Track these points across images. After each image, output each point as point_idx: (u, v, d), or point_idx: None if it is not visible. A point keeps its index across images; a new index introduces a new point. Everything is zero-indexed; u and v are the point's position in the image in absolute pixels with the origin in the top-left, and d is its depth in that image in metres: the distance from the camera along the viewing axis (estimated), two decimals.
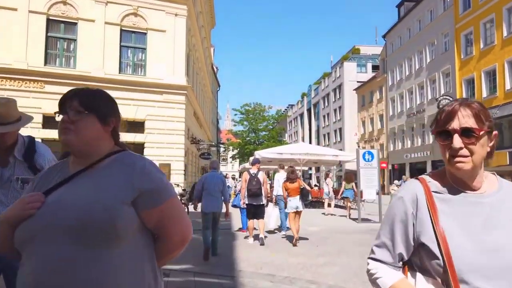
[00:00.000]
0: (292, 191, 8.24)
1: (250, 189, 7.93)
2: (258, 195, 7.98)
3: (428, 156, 31.69)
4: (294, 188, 8.25)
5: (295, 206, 8.17)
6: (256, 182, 7.97)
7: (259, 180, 8.05)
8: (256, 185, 7.93)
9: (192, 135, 20.41)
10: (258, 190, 7.95)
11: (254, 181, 8.03)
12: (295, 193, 8.23)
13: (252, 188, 7.92)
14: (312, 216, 14.39)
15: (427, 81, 32.26)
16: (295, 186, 8.27)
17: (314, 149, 19.95)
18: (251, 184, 7.95)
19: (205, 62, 30.74)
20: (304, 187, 8.55)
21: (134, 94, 16.49)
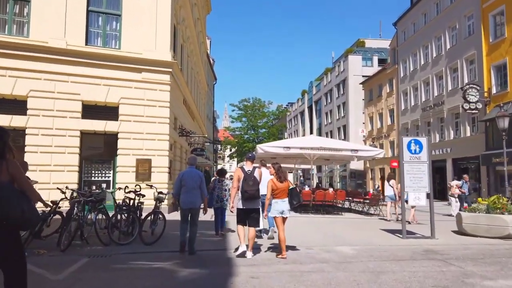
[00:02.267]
0: (281, 192, 6.77)
1: (247, 191, 6.55)
2: (256, 198, 6.72)
3: (448, 153, 28.39)
4: (284, 188, 6.81)
5: (281, 210, 6.71)
6: (253, 182, 6.62)
7: (256, 179, 6.71)
8: (253, 185, 6.59)
9: (181, 126, 17.00)
10: (256, 192, 6.64)
11: (250, 180, 6.62)
12: (284, 194, 6.80)
13: (249, 189, 6.55)
14: (335, 226, 10.99)
15: (446, 70, 28.94)
16: (285, 186, 6.83)
17: (329, 142, 16.57)
18: (247, 185, 6.57)
19: (199, 48, 27.31)
20: (294, 187, 7.10)
21: (105, 71, 13.07)
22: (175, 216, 12.64)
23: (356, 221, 13.22)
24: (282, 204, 6.71)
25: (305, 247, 7.69)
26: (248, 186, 6.54)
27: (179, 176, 7.27)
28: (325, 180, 54.75)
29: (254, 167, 6.87)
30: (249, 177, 6.63)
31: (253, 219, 6.79)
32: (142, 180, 13.25)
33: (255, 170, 6.82)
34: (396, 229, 10.74)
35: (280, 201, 6.72)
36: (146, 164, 13.33)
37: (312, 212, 15.23)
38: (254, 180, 6.63)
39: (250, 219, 6.74)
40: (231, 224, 9.71)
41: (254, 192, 6.56)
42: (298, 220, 12.88)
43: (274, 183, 6.77)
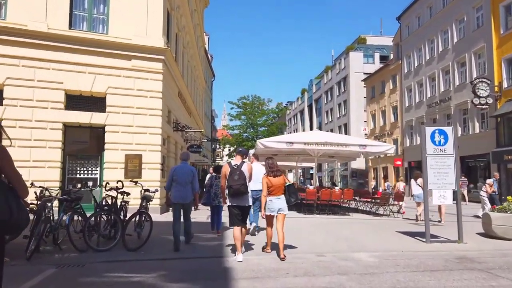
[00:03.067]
0: (276, 189, 6.30)
1: (232, 186, 6.11)
2: (242, 193, 6.16)
3: None
4: (279, 184, 6.32)
5: (277, 208, 6.25)
6: (239, 176, 6.13)
7: (242, 173, 6.18)
8: (239, 180, 6.11)
9: (175, 120, 15.82)
10: (242, 187, 6.12)
11: (236, 174, 6.16)
12: (279, 191, 6.33)
13: (233, 184, 6.09)
14: (346, 228, 9.83)
15: (454, 64, 27.82)
16: (280, 182, 6.33)
17: (336, 137, 15.41)
18: (232, 179, 6.14)
19: (196, 41, 26.15)
20: (292, 184, 6.66)
21: (90, 58, 11.90)
22: (167, 217, 11.56)
23: (367, 222, 12.07)
24: (278, 202, 6.23)
25: (316, 254, 6.54)
26: (232, 181, 6.06)
27: (171, 171, 7.28)
28: (326, 180, 53.58)
29: (242, 162, 6.36)
30: (234, 171, 6.14)
31: (244, 217, 6.34)
32: (131, 177, 12.06)
33: (243, 164, 6.29)
34: (414, 231, 9.61)
35: (275, 199, 6.23)
36: (136, 160, 12.16)
37: (317, 213, 14.09)
38: (240, 174, 6.10)
39: (242, 216, 6.25)
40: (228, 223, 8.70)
41: (239, 187, 6.03)
42: (303, 221, 11.73)
43: (268, 179, 6.26)
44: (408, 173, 34.82)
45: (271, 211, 6.24)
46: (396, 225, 11.30)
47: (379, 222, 12.14)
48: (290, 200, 6.38)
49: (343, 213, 14.49)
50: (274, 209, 6.22)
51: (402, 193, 14.51)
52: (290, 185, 6.47)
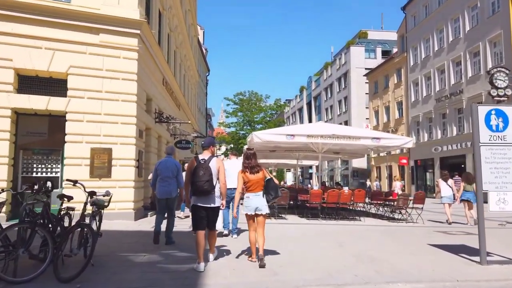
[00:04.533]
0: (254, 185, 5.51)
1: (195, 183, 5.23)
2: (208, 193, 5.25)
3: (467, 148, 25.19)
4: (257, 180, 5.53)
5: (255, 207, 5.46)
6: (204, 172, 5.25)
7: (209, 169, 5.31)
8: (204, 176, 5.22)
9: (158, 111, 13.66)
10: (206, 185, 5.21)
11: (201, 170, 5.27)
12: (258, 187, 5.53)
13: (198, 181, 5.21)
14: (364, 240, 7.68)
15: (466, 54, 25.78)
16: (258, 178, 5.54)
17: (344, 129, 13.30)
18: (196, 176, 5.25)
19: (187, 29, 24.00)
20: (271, 178, 5.67)
21: (48, 30, 9.76)
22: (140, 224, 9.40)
23: (385, 230, 9.98)
24: (256, 199, 5.53)
25: (333, 287, 4.43)
26: (197, 177, 5.27)
27: (156, 165, 7.28)
28: (326, 179, 51.53)
29: (211, 157, 5.55)
30: (200, 167, 5.34)
31: (211, 221, 5.52)
32: (99, 176, 9.97)
33: (211, 159, 5.49)
34: (452, 243, 7.52)
35: (253, 196, 5.55)
36: (105, 155, 10.00)
37: (323, 217, 12.00)
38: (206, 170, 5.32)
39: (208, 220, 5.47)
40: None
41: (203, 184, 5.24)
42: (307, 229, 9.62)
43: (245, 174, 5.59)
44: (414, 172, 32.82)
45: (249, 209, 5.52)
46: (422, 234, 9.20)
47: (400, 229, 10.03)
48: (269, 197, 5.58)
49: (352, 217, 12.39)
50: (251, 207, 5.50)
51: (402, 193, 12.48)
52: (269, 180, 5.63)
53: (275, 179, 5.89)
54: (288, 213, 12.95)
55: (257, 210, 5.48)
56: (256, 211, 5.48)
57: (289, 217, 12.32)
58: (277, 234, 8.67)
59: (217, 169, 5.45)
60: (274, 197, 5.64)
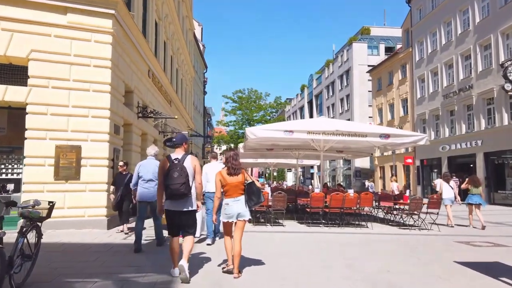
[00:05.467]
0: (232, 189, 5.02)
1: (170, 186, 4.68)
2: (183, 196, 4.73)
3: (478, 146, 23.78)
4: (236, 183, 5.03)
5: (236, 214, 4.98)
6: (180, 173, 4.70)
7: (184, 169, 4.77)
8: (179, 178, 4.68)
9: (141, 105, 12.28)
10: (183, 187, 4.67)
11: (176, 171, 4.71)
12: (237, 192, 5.03)
13: (172, 183, 4.68)
14: (375, 255, 6.26)
15: (476, 47, 24.34)
16: (237, 181, 5.04)
17: (349, 125, 11.91)
18: (170, 178, 4.69)
19: (180, 20, 22.65)
20: (252, 182, 5.12)
21: (5, 9, 8.42)
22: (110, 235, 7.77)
23: (400, 240, 8.59)
24: (235, 205, 4.99)
25: None
26: (171, 179, 4.67)
27: (137, 167, 6.94)
28: (328, 180, 50.17)
29: (185, 155, 5.01)
30: (174, 167, 4.74)
31: (186, 226, 4.92)
32: (65, 178, 8.61)
33: (185, 158, 4.95)
34: (483, 261, 6.12)
35: (232, 201, 5.02)
36: (73, 153, 8.64)
37: (325, 224, 10.62)
38: (181, 171, 4.73)
39: (182, 225, 4.91)
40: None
41: (178, 187, 4.66)
42: (307, 239, 8.23)
43: (222, 176, 5.08)
44: (420, 172, 31.40)
45: (229, 217, 5.04)
46: (442, 246, 7.81)
47: (415, 239, 8.63)
48: (250, 203, 5.08)
49: (358, 223, 11.01)
50: (232, 214, 5.02)
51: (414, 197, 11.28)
52: (250, 184, 5.12)
53: (258, 183, 5.26)
54: (286, 218, 11.60)
55: (240, 216, 5.01)
56: (238, 218, 5.01)
57: (287, 223, 10.95)
58: (271, 246, 7.30)
59: (193, 169, 4.90)
60: (256, 203, 5.09)
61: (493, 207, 20.24)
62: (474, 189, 11.00)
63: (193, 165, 4.92)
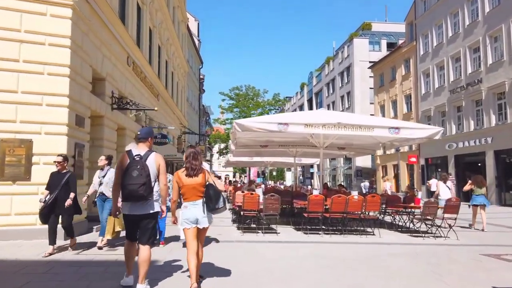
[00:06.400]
0: (190, 191, 4.44)
1: (127, 186, 4.16)
2: (142, 198, 4.20)
3: (488, 144, 22.34)
4: (193, 185, 4.43)
5: (194, 219, 4.40)
6: (139, 172, 4.18)
7: (146, 168, 4.26)
8: (139, 177, 4.16)
9: (116, 95, 10.82)
10: (142, 189, 4.15)
11: (135, 169, 4.19)
12: (194, 195, 4.44)
13: (129, 183, 4.15)
14: (390, 274, 4.84)
15: (485, 39, 22.90)
16: (195, 183, 4.44)
17: (352, 118, 10.47)
18: (129, 177, 4.18)
19: (171, 12, 21.21)
20: (210, 184, 4.49)
21: None
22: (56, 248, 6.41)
23: (414, 252, 7.16)
24: (194, 210, 4.39)
25: None
26: (129, 179, 4.15)
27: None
28: (328, 180, 48.73)
29: (149, 152, 4.37)
30: (134, 165, 4.20)
31: (144, 232, 4.32)
32: (12, 178, 7.18)
33: (149, 155, 4.33)
34: None
35: (190, 205, 4.41)
36: (22, 149, 7.20)
37: (325, 231, 9.18)
38: (142, 170, 4.18)
39: (140, 230, 4.34)
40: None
41: (137, 188, 4.09)
42: (304, 254, 6.77)
43: (179, 177, 4.43)
44: (425, 172, 29.94)
45: (187, 222, 4.38)
46: (469, 261, 6.37)
47: (434, 251, 7.19)
48: (208, 207, 4.37)
49: (363, 229, 9.56)
50: (190, 219, 4.37)
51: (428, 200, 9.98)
52: (208, 186, 4.43)
53: (219, 185, 4.55)
54: (282, 223, 10.21)
55: (199, 222, 4.41)
56: (196, 223, 4.40)
57: (282, 229, 9.53)
58: (258, 263, 5.85)
59: (156, 168, 4.38)
60: (214, 209, 4.39)
61: (505, 209, 18.82)
62: (478, 189, 10.61)
63: (158, 163, 4.38)
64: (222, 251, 6.83)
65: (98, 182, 6.65)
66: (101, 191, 6.64)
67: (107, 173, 6.57)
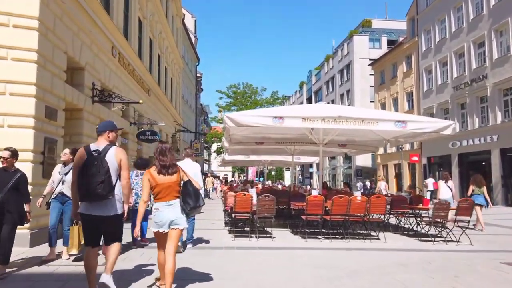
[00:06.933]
0: (164, 191, 4.01)
1: (83, 185, 3.77)
2: (102, 198, 3.79)
3: (493, 142, 21.53)
4: (168, 184, 4.03)
5: (168, 221, 3.98)
6: (96, 169, 3.78)
7: (105, 164, 3.86)
8: (96, 175, 3.75)
9: (98, 87, 9.93)
10: (101, 187, 3.74)
11: (93, 166, 3.79)
12: (170, 195, 4.02)
13: (86, 181, 3.75)
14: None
15: (490, 33, 22.07)
16: (170, 181, 4.04)
17: (354, 111, 9.64)
18: (85, 174, 3.77)
19: (163, 2, 20.36)
20: (188, 181, 4.12)
21: None
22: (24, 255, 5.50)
23: (426, 260, 6.33)
24: (167, 210, 3.97)
25: None
26: (86, 176, 3.75)
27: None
28: (327, 179, 47.86)
29: (109, 146, 3.99)
30: (91, 161, 3.80)
31: (108, 235, 3.99)
32: None
33: (109, 149, 3.95)
34: None
35: (164, 206, 3.99)
36: None
37: (325, 234, 8.34)
38: (101, 167, 3.79)
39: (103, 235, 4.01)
40: None
41: (95, 187, 3.69)
42: (299, 264, 5.90)
43: (151, 176, 4.03)
44: (427, 171, 29.11)
45: (159, 225, 3.97)
46: (491, 271, 5.54)
47: (448, 259, 6.34)
48: (186, 207, 4.00)
49: (367, 233, 8.72)
50: (163, 222, 3.96)
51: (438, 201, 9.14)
52: (185, 183, 4.07)
53: (196, 182, 4.22)
54: (277, 225, 9.39)
55: (173, 224, 4.00)
56: (171, 226, 3.99)
57: (278, 233, 8.69)
58: (245, 276, 4.99)
59: (118, 163, 3.98)
60: (194, 208, 4.06)
61: (511, 209, 18.03)
62: (477, 189, 10.48)
63: (119, 159, 3.98)
64: (206, 259, 5.99)
65: (58, 180, 5.71)
66: (61, 191, 5.67)
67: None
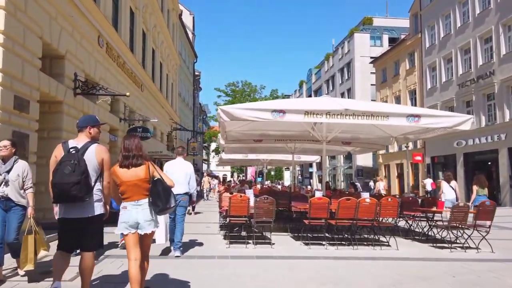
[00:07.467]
0: (129, 190, 3.62)
1: (56, 185, 3.36)
2: (77, 200, 3.40)
3: (501, 141, 20.75)
4: (134, 181, 3.61)
5: (134, 223, 3.57)
6: (72, 168, 3.37)
7: (82, 163, 3.44)
8: (71, 175, 3.34)
9: (81, 78, 9.10)
10: (74, 188, 3.33)
11: (69, 164, 3.38)
12: (137, 193, 3.61)
13: (59, 181, 3.34)
14: None
15: (498, 28, 21.27)
16: (137, 179, 3.62)
17: (362, 105, 8.84)
18: (60, 173, 3.36)
19: None
20: (159, 179, 3.69)
21: None
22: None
23: (443, 271, 5.53)
24: (135, 212, 3.58)
25: None
26: (60, 176, 3.34)
27: None
28: (329, 179, 47.04)
29: (89, 143, 3.60)
30: (67, 160, 3.40)
31: (84, 238, 3.56)
32: None
33: (88, 147, 3.56)
34: None
35: (131, 205, 3.60)
36: None
37: (330, 240, 7.52)
38: (77, 166, 3.37)
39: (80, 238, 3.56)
40: None
41: (70, 188, 3.31)
42: (300, 279, 5.07)
43: (115, 172, 3.65)
44: (430, 171, 28.32)
45: (126, 226, 3.57)
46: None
47: (471, 270, 5.53)
48: (155, 209, 3.61)
49: (377, 239, 7.90)
50: (129, 222, 3.56)
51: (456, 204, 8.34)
52: (154, 182, 3.65)
53: (168, 180, 3.72)
54: (277, 229, 8.61)
55: (141, 227, 3.55)
56: (137, 229, 3.55)
57: (277, 239, 7.88)
58: None
59: (98, 162, 3.57)
60: (163, 210, 3.60)
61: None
62: (480, 189, 10.19)
63: (100, 158, 3.60)
64: (194, 272, 5.17)
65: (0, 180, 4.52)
66: (4, 194, 4.48)
67: (14, 166, 4.50)
